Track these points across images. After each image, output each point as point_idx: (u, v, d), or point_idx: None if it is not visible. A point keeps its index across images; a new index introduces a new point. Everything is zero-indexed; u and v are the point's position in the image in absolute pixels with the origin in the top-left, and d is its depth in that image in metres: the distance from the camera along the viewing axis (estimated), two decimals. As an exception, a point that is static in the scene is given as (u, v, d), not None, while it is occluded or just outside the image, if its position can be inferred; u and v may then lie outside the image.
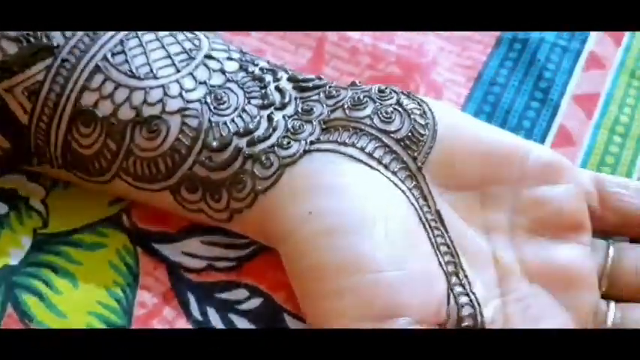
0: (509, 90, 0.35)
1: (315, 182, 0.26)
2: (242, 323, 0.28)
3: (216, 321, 0.28)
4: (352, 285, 0.25)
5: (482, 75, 0.36)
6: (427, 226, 0.27)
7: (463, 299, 0.26)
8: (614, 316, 0.27)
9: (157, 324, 0.28)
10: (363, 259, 0.25)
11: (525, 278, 0.27)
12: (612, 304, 0.28)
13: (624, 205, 0.29)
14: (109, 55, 0.28)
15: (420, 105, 0.29)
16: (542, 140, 0.34)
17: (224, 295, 0.29)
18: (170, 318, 0.28)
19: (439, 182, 0.28)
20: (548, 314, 0.26)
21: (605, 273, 0.28)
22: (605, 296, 0.28)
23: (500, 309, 0.26)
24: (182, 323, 0.28)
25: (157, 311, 0.28)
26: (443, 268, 0.26)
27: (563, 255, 0.28)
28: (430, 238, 0.27)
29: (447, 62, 0.36)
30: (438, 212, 0.27)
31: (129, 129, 0.27)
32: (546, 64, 0.36)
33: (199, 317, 0.28)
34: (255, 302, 0.28)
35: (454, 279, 0.26)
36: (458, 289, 0.26)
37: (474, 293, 0.26)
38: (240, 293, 0.29)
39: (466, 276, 0.27)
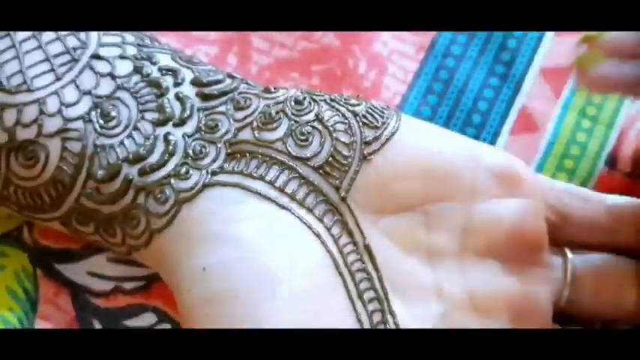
0: (465, 63, 0.30)
1: (211, 229, 0.22)
2: (150, 354, 0.26)
3: (122, 352, 0.26)
4: None
5: (436, 43, 0.30)
6: (347, 274, 0.23)
7: None
8: None
9: None
10: None
11: (474, 312, 0.24)
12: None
13: (585, 220, 0.26)
14: None
15: (345, 117, 0.24)
16: (500, 124, 0.29)
17: (131, 322, 0.26)
18: (71, 353, 0.26)
19: (372, 208, 0.24)
20: None
21: (564, 290, 0.25)
22: (565, 312, 0.26)
23: None
24: (84, 358, 0.26)
25: (56, 346, 0.26)
26: (361, 324, 0.23)
27: (516, 286, 0.24)
28: (348, 290, 0.23)
29: (395, 27, 0.31)
30: (367, 247, 0.24)
31: (3, 155, 0.23)
32: (512, 29, 0.31)
33: (104, 349, 0.26)
34: (162, 327, 0.26)
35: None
36: None
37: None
38: (148, 318, 0.26)
39: (395, 323, 0.23)
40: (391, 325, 0.23)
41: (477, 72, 0.30)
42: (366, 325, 0.23)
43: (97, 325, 0.26)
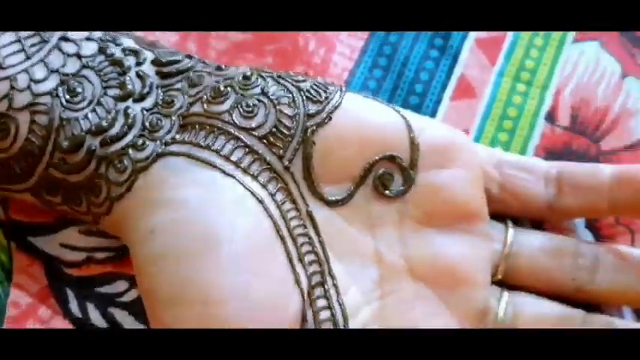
0: (407, 38, 0.32)
1: (162, 195, 0.24)
2: (122, 316, 0.27)
3: (95, 316, 0.27)
4: (182, 317, 0.23)
5: (379, 22, 0.32)
6: (288, 237, 0.24)
7: (324, 314, 0.24)
8: (505, 312, 0.25)
9: (30, 325, 0.26)
10: (195, 289, 0.22)
11: (410, 277, 0.25)
12: (504, 299, 0.25)
13: (525, 190, 0.27)
14: None
15: (290, 92, 0.25)
16: (441, 92, 0.31)
17: (103, 289, 0.27)
18: (46, 317, 0.26)
19: (314, 177, 0.25)
20: (430, 316, 0.25)
21: (502, 259, 0.26)
22: (502, 283, 0.26)
23: (378, 313, 0.24)
24: (59, 322, 0.26)
25: (30, 311, 0.27)
26: (300, 285, 0.24)
27: (451, 251, 0.25)
28: (289, 252, 0.24)
29: (341, 10, 0.32)
30: (309, 214, 0.25)
31: None
32: (449, 5, 0.32)
33: (79, 314, 0.27)
34: (134, 293, 0.27)
35: (318, 291, 0.24)
36: (320, 302, 0.24)
37: (340, 303, 0.24)
38: (121, 285, 0.27)
39: (335, 285, 0.24)
40: (330, 286, 0.24)
41: (417, 46, 0.32)
42: (304, 285, 0.24)
43: (70, 293, 0.27)
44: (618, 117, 0.31)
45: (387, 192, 0.26)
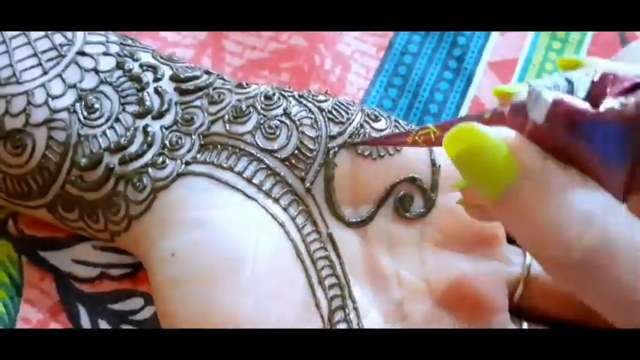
0: (421, 59, 0.32)
1: (183, 216, 0.23)
2: (136, 334, 0.26)
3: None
4: None
5: (394, 43, 0.32)
6: (309, 261, 0.24)
7: None
8: None
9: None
10: (215, 313, 0.22)
11: (430, 300, 0.24)
12: (524, 326, 0.25)
13: None
14: None
15: (312, 113, 0.25)
16: (455, 113, 0.31)
17: (117, 306, 0.26)
18: (58, 335, 0.26)
19: (335, 199, 0.25)
20: None
21: (522, 283, 0.25)
22: (519, 309, 0.25)
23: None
24: (71, 340, 0.26)
25: (41, 327, 0.26)
26: (320, 309, 0.23)
27: (471, 275, 0.25)
28: (309, 276, 0.23)
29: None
30: (330, 236, 0.24)
31: None
32: (462, 27, 0.32)
33: (91, 331, 0.26)
34: (150, 310, 0.26)
35: (339, 315, 0.23)
36: (341, 326, 0.23)
37: (361, 327, 0.23)
38: (135, 303, 0.26)
39: (355, 308, 0.24)
40: (351, 310, 0.24)
41: (432, 67, 0.31)
42: (324, 309, 0.23)
43: (82, 309, 0.26)
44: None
45: (407, 214, 0.25)
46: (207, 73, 0.26)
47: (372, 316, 0.24)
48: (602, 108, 0.17)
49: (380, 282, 0.25)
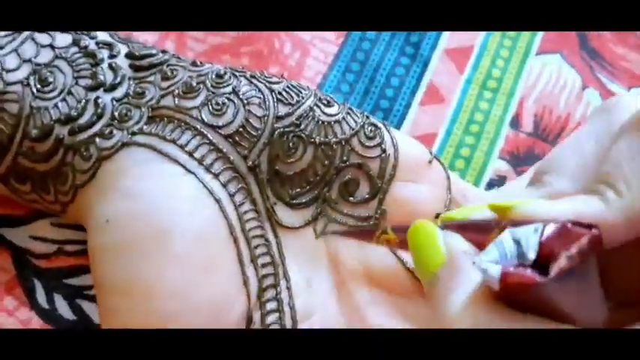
0: (379, 45, 0.31)
1: (121, 184, 0.22)
2: (89, 307, 0.25)
3: (63, 308, 0.25)
4: (125, 307, 0.21)
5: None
6: (242, 238, 0.23)
7: (272, 317, 0.22)
8: None
9: (-4, 315, 0.25)
10: (141, 283, 0.21)
11: (367, 283, 0.24)
12: None
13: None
14: None
15: (261, 92, 0.24)
16: (410, 97, 0.30)
17: (72, 281, 0.25)
18: (11, 307, 0.25)
19: (283, 176, 0.23)
20: (385, 325, 0.23)
21: None
22: None
23: (332, 317, 0.23)
24: (25, 312, 0.25)
25: (-5, 301, 0.25)
26: (248, 286, 0.22)
27: (409, 261, 0.24)
28: (240, 253, 0.22)
29: (316, 16, 0.32)
30: (269, 215, 0.23)
31: None
32: (420, 15, 0.32)
33: (45, 305, 0.25)
34: (104, 285, 0.25)
35: (269, 293, 0.22)
36: (270, 305, 0.22)
37: (291, 307, 0.22)
38: (90, 278, 0.25)
39: (288, 287, 0.23)
40: (283, 289, 0.23)
41: (389, 53, 0.31)
42: (254, 287, 0.22)
43: (38, 284, 0.25)
44: (579, 125, 0.30)
45: (350, 198, 0.24)
46: (164, 52, 0.25)
47: (306, 297, 0.23)
48: (552, 272, 0.17)
49: (318, 262, 0.24)
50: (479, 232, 0.19)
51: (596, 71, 0.31)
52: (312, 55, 0.30)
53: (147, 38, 0.30)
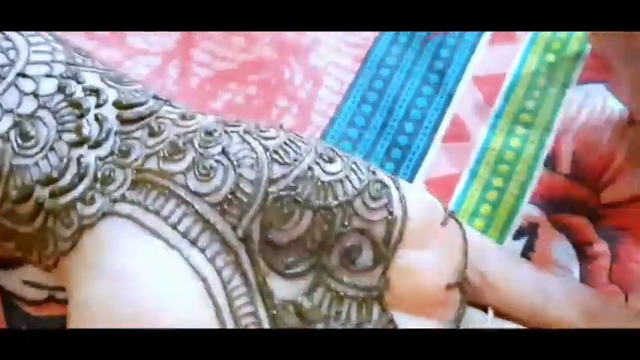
0: (399, 73, 0.28)
1: (102, 260, 0.20)
2: (81, 363, 0.24)
3: None
4: None
5: (371, 55, 0.28)
6: (230, 321, 0.20)
7: None
8: None
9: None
10: None
11: None
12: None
13: (509, 290, 0.23)
14: None
15: (254, 152, 0.21)
16: (432, 132, 0.27)
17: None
18: (-2, 361, 0.24)
19: (277, 245, 0.21)
20: None
21: None
22: None
23: None
24: (13, 367, 0.24)
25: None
26: None
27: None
28: None
29: (332, 39, 0.28)
30: (261, 289, 0.21)
31: None
32: (445, 38, 0.28)
33: (35, 358, 0.24)
34: (96, 339, 0.24)
35: None
36: None
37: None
38: (81, 329, 0.25)
39: None
40: None
41: (410, 81, 0.28)
42: None
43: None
44: (623, 166, 0.27)
45: (351, 266, 0.21)
46: (156, 98, 0.23)
47: None
48: None
49: None
50: None
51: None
52: (325, 84, 0.28)
53: (150, 62, 0.28)
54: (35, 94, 0.22)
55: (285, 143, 0.22)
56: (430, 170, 0.27)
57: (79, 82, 0.23)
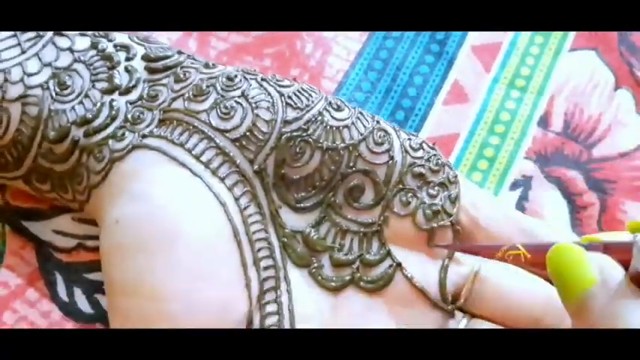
0: (403, 43, 0.30)
1: (131, 186, 0.22)
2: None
3: (82, 301, 0.25)
4: (131, 308, 0.21)
5: (377, 27, 0.30)
6: (246, 241, 0.22)
7: (271, 320, 0.22)
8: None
9: (18, 305, 0.25)
10: (146, 284, 0.21)
11: (366, 290, 0.23)
12: (463, 321, 0.23)
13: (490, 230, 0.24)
14: None
15: (270, 96, 0.23)
16: (434, 96, 0.29)
17: (92, 276, 0.26)
18: (33, 299, 0.25)
19: (289, 180, 0.23)
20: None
21: (468, 282, 0.23)
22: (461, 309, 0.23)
23: (330, 322, 0.22)
24: (46, 304, 0.25)
25: (19, 292, 0.25)
26: (249, 289, 0.22)
27: (409, 269, 0.23)
28: (244, 256, 0.22)
29: (341, 14, 0.31)
30: (273, 219, 0.23)
31: None
32: (446, 11, 0.30)
33: (65, 298, 0.25)
34: (122, 281, 0.26)
35: (269, 296, 0.22)
36: (270, 307, 0.22)
37: (290, 310, 0.22)
38: (108, 272, 0.26)
39: (288, 290, 0.22)
40: (283, 292, 0.22)
41: (413, 50, 0.30)
42: (255, 290, 0.22)
43: (59, 277, 0.26)
44: (610, 127, 0.29)
45: (355, 204, 0.23)
46: (180, 53, 0.25)
47: (306, 301, 0.23)
48: None
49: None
50: (621, 254, 0.18)
51: (635, 68, 0.29)
52: (334, 52, 0.30)
53: (170, 36, 0.30)
54: (71, 50, 0.24)
55: (298, 91, 0.24)
56: (432, 130, 0.28)
57: (109, 40, 0.25)
